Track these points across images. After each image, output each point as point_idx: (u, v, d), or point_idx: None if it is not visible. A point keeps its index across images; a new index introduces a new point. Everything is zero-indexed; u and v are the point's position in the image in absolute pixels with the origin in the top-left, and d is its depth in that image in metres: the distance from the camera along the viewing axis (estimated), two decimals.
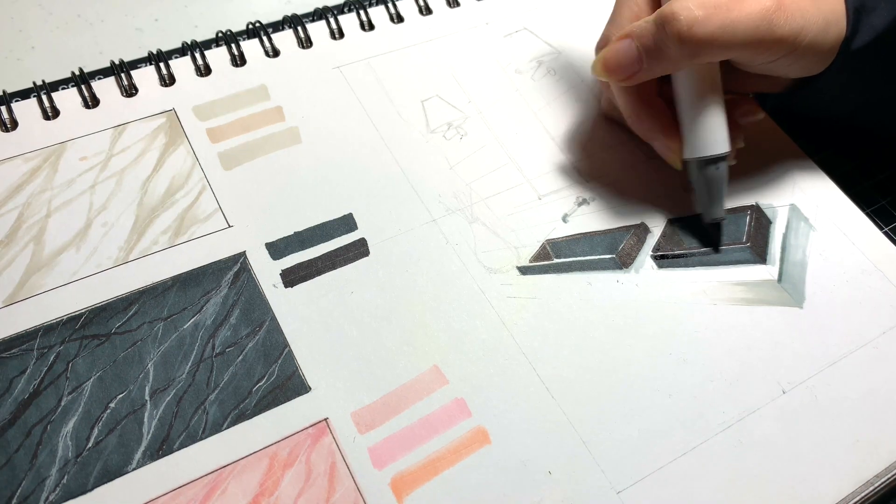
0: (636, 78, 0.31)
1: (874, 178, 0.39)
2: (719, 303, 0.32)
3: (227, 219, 0.32)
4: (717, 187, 0.32)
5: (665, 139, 0.33)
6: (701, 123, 0.31)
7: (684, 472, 0.28)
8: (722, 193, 0.32)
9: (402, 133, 0.35)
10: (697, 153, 0.32)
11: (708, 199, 0.33)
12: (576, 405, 0.29)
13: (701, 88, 0.31)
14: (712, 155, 0.32)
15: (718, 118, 0.31)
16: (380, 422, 0.28)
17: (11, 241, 0.30)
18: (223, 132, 0.34)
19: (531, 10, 0.41)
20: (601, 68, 0.31)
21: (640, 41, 0.30)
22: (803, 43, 0.30)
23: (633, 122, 0.34)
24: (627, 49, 0.30)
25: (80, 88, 0.34)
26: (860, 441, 0.29)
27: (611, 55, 0.31)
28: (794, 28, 0.29)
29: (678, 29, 0.28)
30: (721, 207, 0.33)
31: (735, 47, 0.29)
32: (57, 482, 0.25)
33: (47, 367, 0.27)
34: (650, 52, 0.30)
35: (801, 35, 0.29)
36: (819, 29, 0.30)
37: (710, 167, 0.32)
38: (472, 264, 0.32)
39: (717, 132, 0.31)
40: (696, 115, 0.31)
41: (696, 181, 0.33)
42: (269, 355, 0.29)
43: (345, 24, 0.38)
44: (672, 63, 0.30)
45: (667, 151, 0.33)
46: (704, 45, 0.28)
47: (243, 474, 0.26)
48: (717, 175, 0.32)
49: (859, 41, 0.31)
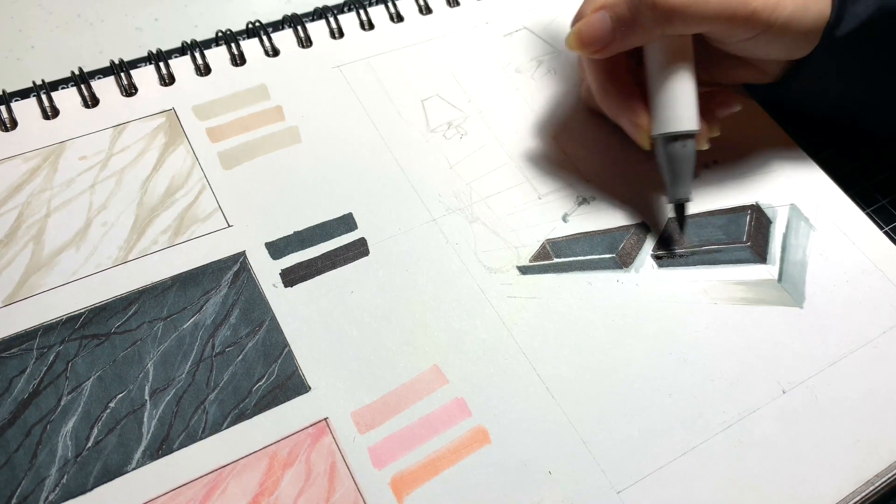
0: (609, 49, 0.31)
1: (874, 177, 0.39)
2: (719, 302, 0.32)
3: (226, 218, 0.32)
4: (683, 165, 0.32)
5: (633, 116, 0.32)
6: (670, 98, 0.31)
7: (684, 472, 0.28)
8: (689, 172, 0.32)
9: (402, 132, 0.35)
10: (664, 128, 0.31)
11: (671, 177, 0.32)
12: (576, 405, 0.29)
13: (672, 63, 0.31)
14: (680, 131, 0.31)
15: (688, 94, 0.31)
16: (380, 421, 0.28)
17: (11, 240, 0.30)
18: (223, 132, 0.34)
19: (531, 10, 0.41)
20: (575, 41, 0.32)
21: (613, 10, 0.30)
22: (779, 20, 0.30)
23: (602, 99, 0.33)
24: (601, 20, 0.30)
25: (80, 88, 0.34)
26: (860, 441, 0.29)
27: (585, 27, 0.31)
28: (769, 3, 0.29)
29: None
30: (687, 187, 0.32)
31: (708, 19, 0.29)
32: (56, 482, 0.25)
33: (47, 366, 0.27)
34: (623, 21, 0.30)
35: (777, 12, 0.29)
36: (796, 7, 0.30)
37: (677, 144, 0.31)
38: (473, 264, 0.32)
39: (686, 108, 0.31)
40: (666, 90, 0.31)
41: (661, 158, 0.32)
42: (269, 355, 0.29)
43: (345, 24, 0.38)
44: (645, 32, 0.30)
45: (633, 129, 0.33)
46: (677, 14, 0.29)
47: (243, 474, 0.26)
48: (684, 153, 0.31)
49: (843, 29, 0.31)
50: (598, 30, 0.31)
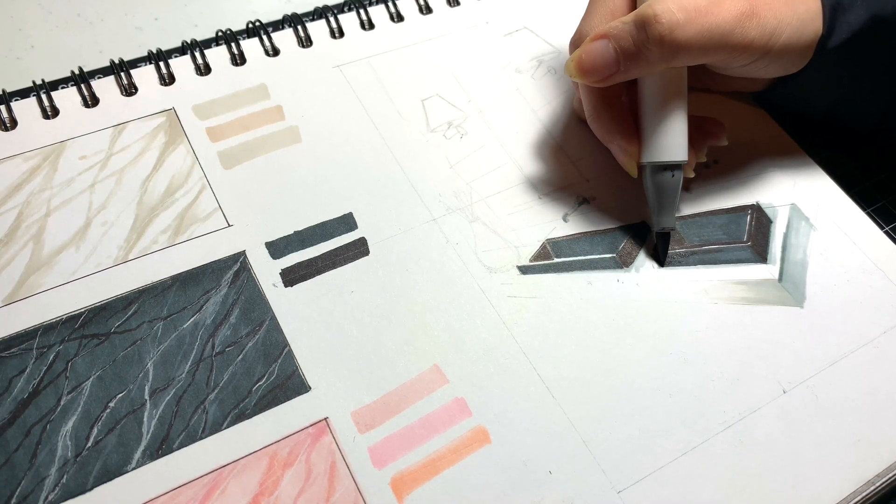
0: (611, 80, 0.30)
1: (875, 177, 0.39)
2: (720, 302, 0.32)
3: (226, 218, 0.32)
4: (669, 195, 0.32)
5: (623, 142, 0.32)
6: (662, 128, 0.31)
7: (685, 472, 0.28)
8: (674, 202, 0.32)
9: (402, 132, 0.35)
10: (654, 157, 0.31)
11: (658, 206, 0.32)
12: (576, 405, 0.29)
13: (666, 93, 0.31)
14: (669, 161, 0.31)
15: (680, 125, 0.31)
16: (380, 421, 0.28)
17: (11, 240, 0.30)
18: (223, 131, 0.34)
19: (531, 10, 0.41)
20: (575, 69, 0.30)
21: (617, 42, 0.29)
22: (777, 45, 0.29)
23: (593, 122, 0.33)
24: (603, 50, 0.29)
25: (80, 87, 0.34)
26: (861, 440, 0.29)
27: (586, 56, 0.30)
28: (766, 31, 0.29)
29: (659, 32, 0.27)
30: (672, 217, 0.32)
31: (711, 51, 0.29)
32: (56, 482, 0.25)
33: (47, 366, 0.27)
34: (628, 55, 0.29)
35: (775, 37, 0.29)
36: (793, 30, 0.30)
37: (666, 174, 0.31)
38: (473, 264, 0.32)
39: (676, 138, 0.31)
40: (658, 120, 0.31)
41: (648, 187, 0.32)
42: (269, 355, 0.29)
43: (345, 23, 0.38)
44: (649, 66, 0.29)
45: (623, 155, 0.32)
46: (683, 49, 0.28)
47: (243, 474, 0.26)
48: (672, 183, 0.31)
49: (836, 39, 0.31)
50: (599, 60, 0.29)
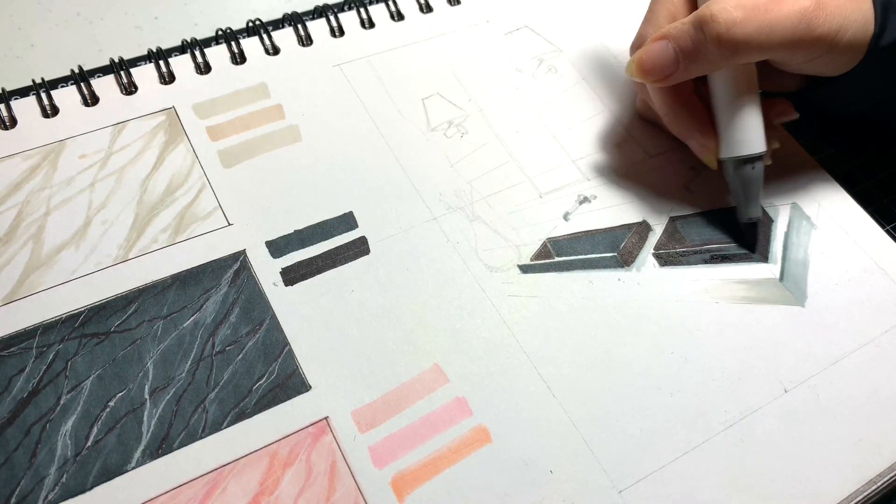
0: (672, 79, 0.31)
1: (876, 176, 0.39)
2: (721, 301, 0.32)
3: (226, 217, 0.31)
4: (753, 187, 0.32)
5: (702, 138, 0.33)
6: (737, 123, 0.31)
7: (686, 472, 0.28)
8: (758, 193, 0.32)
9: (402, 131, 0.35)
10: (734, 152, 0.32)
11: (744, 198, 0.33)
12: (577, 404, 0.29)
13: (737, 88, 0.31)
14: (749, 154, 0.32)
15: (755, 117, 0.31)
16: (380, 420, 0.28)
17: (10, 239, 0.30)
18: (223, 130, 0.34)
19: (532, 8, 0.41)
20: (636, 69, 0.31)
21: (676, 42, 0.30)
22: (843, 41, 0.29)
23: (670, 122, 0.34)
24: (663, 50, 0.30)
25: (80, 86, 0.34)
26: (863, 440, 0.29)
27: (646, 56, 0.31)
28: (833, 27, 0.29)
29: (717, 31, 0.28)
30: (757, 207, 0.33)
31: (773, 48, 0.29)
32: (56, 481, 0.25)
33: (46, 365, 0.27)
34: (687, 54, 0.30)
35: (841, 33, 0.29)
36: (859, 26, 0.30)
37: (747, 167, 0.32)
38: (473, 263, 0.32)
39: (753, 131, 0.31)
40: (733, 115, 0.31)
41: (732, 181, 0.33)
42: (270, 354, 0.28)
43: (345, 22, 0.38)
44: (710, 64, 0.30)
45: (703, 150, 0.33)
46: (742, 47, 0.28)
47: (243, 473, 0.26)
48: (754, 175, 0.32)
49: (888, 38, 0.30)
50: (659, 60, 0.30)
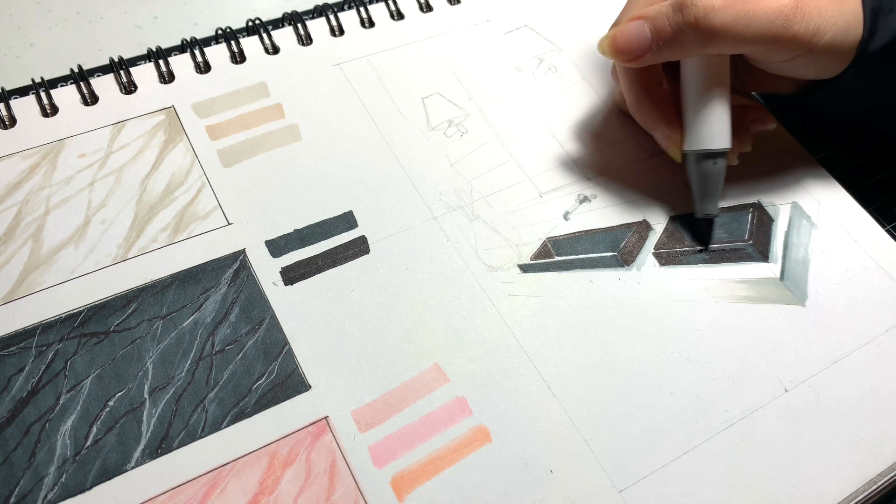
0: (643, 60, 0.31)
1: (876, 175, 0.39)
2: (721, 301, 0.32)
3: (226, 216, 0.31)
4: (712, 182, 0.32)
5: (666, 129, 0.33)
6: (704, 116, 0.31)
7: (686, 471, 0.28)
8: (717, 189, 0.32)
9: (402, 130, 0.35)
10: (697, 145, 0.32)
11: (701, 193, 0.32)
12: (577, 403, 0.29)
13: (709, 81, 0.31)
14: (711, 149, 0.31)
15: (722, 113, 0.31)
16: (380, 420, 0.28)
17: (10, 238, 0.30)
18: (223, 129, 0.34)
19: (532, 8, 0.41)
20: (609, 46, 0.31)
21: (653, 23, 0.30)
22: (820, 43, 0.29)
23: (636, 110, 0.34)
24: (639, 29, 0.30)
25: (79, 85, 0.34)
26: (863, 439, 0.29)
27: (621, 34, 0.31)
28: (810, 27, 0.29)
29: (695, 14, 0.28)
30: (715, 204, 0.32)
31: (749, 41, 0.29)
32: (55, 481, 0.25)
33: (46, 364, 0.27)
34: (662, 36, 0.29)
35: (818, 35, 0.29)
36: (838, 30, 0.30)
37: (709, 161, 0.32)
38: (473, 262, 0.32)
39: (719, 126, 0.31)
40: (700, 108, 0.31)
41: (692, 175, 0.33)
42: (269, 353, 0.28)
43: (345, 22, 0.38)
44: (683, 49, 0.30)
45: (667, 142, 0.33)
46: (719, 34, 0.28)
47: (243, 473, 0.26)
48: (715, 170, 0.32)
49: (877, 43, 0.30)
50: (634, 39, 0.30)
